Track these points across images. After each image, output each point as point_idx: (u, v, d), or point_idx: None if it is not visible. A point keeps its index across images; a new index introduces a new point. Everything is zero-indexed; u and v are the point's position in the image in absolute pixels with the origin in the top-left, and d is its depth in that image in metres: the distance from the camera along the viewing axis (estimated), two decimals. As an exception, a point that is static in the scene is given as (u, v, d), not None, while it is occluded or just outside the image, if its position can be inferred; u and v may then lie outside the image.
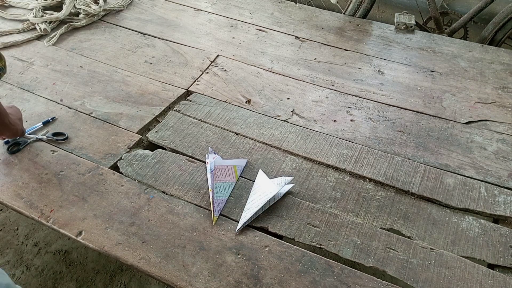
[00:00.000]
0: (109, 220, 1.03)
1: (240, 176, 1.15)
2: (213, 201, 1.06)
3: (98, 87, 1.44)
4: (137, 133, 1.27)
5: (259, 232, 1.02)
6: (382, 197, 1.12)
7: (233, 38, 1.73)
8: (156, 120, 1.33)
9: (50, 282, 1.58)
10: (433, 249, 0.99)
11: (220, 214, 1.05)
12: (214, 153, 1.21)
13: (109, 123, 1.30)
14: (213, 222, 1.03)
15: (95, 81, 1.47)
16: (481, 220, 1.07)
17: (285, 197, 1.10)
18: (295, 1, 2.03)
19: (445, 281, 0.93)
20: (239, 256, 0.97)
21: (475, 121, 1.37)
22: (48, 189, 1.10)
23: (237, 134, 1.29)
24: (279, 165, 1.19)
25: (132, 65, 1.56)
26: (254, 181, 1.13)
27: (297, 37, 1.76)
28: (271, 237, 1.01)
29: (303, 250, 0.99)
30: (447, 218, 1.07)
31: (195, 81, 1.49)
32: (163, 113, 1.35)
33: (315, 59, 1.64)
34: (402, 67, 1.61)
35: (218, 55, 1.62)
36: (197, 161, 1.19)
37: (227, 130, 1.30)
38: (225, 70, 1.55)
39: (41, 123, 1.27)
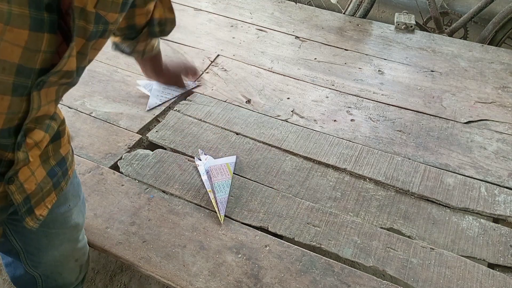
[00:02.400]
0: (109, 219, 1.03)
1: (233, 173, 1.15)
2: (216, 201, 1.06)
3: (98, 86, 1.44)
4: (137, 132, 1.27)
5: (259, 232, 1.02)
6: (382, 196, 1.12)
7: (233, 38, 1.73)
8: (156, 120, 1.33)
9: (50, 282, 1.57)
10: (433, 249, 0.99)
11: (220, 214, 1.05)
12: (204, 154, 1.20)
13: (109, 123, 1.30)
14: (221, 221, 1.03)
15: (95, 81, 1.47)
16: (481, 220, 1.07)
17: (285, 197, 1.10)
18: (295, 1, 2.04)
19: (445, 280, 0.93)
20: (239, 255, 0.97)
21: (475, 121, 1.37)
22: (48, 188, 1.10)
23: (237, 134, 1.29)
24: (279, 165, 1.19)
25: (132, 65, 1.55)
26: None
27: (297, 37, 1.76)
28: (271, 236, 1.01)
29: (303, 249, 0.99)
30: (447, 218, 1.07)
31: (195, 81, 1.49)
32: (163, 113, 1.35)
33: (315, 59, 1.64)
34: (402, 67, 1.61)
35: (218, 55, 1.62)
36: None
37: (227, 130, 1.30)
38: (225, 70, 1.55)
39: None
